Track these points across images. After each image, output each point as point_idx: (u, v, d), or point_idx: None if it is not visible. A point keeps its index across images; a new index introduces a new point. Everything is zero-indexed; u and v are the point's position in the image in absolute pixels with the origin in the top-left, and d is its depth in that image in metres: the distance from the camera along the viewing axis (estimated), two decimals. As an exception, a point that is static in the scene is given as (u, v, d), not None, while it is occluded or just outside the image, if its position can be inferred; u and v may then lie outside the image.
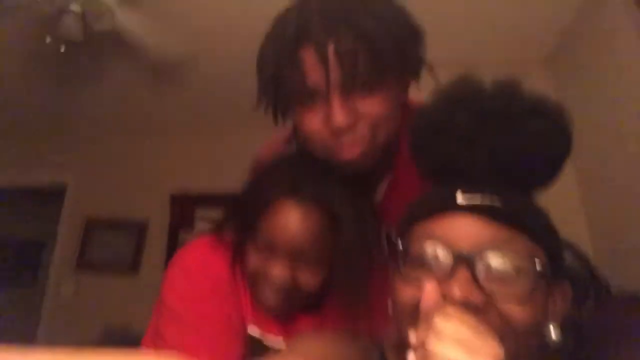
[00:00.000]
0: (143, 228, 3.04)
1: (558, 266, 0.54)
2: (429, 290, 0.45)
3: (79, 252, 3.07)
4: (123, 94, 2.81)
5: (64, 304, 2.98)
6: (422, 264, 0.50)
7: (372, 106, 0.71)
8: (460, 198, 0.52)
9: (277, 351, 0.70)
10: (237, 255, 0.80)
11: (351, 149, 0.72)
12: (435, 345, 0.40)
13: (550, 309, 0.53)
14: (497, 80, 0.57)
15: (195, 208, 2.98)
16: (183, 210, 3.01)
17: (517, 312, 0.47)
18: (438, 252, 0.50)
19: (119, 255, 3.00)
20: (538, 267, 0.48)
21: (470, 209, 0.51)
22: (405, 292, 0.51)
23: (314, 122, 0.72)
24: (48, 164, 3.43)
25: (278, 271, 0.74)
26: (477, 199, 0.52)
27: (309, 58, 0.68)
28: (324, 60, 0.67)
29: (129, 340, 0.79)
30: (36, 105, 3.01)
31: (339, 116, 0.68)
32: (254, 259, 0.77)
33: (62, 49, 2.04)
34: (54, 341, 2.71)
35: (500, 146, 0.53)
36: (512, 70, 0.58)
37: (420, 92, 0.92)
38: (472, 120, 0.54)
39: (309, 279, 0.75)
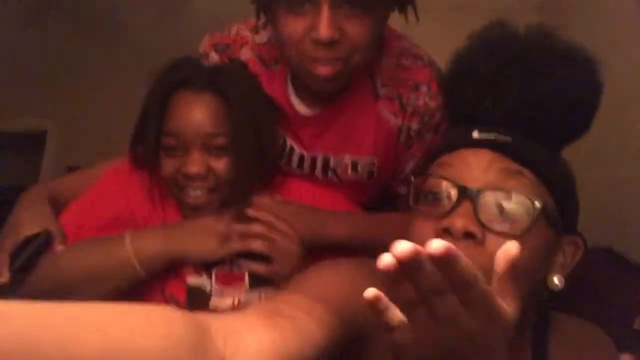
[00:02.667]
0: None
1: (570, 219, 0.55)
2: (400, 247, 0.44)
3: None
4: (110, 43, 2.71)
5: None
6: (434, 198, 0.52)
7: (356, 27, 0.73)
8: (476, 134, 0.54)
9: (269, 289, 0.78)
10: (153, 168, 0.87)
11: (326, 66, 0.75)
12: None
13: (556, 260, 0.54)
14: (530, 26, 0.57)
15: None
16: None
17: None
18: (444, 187, 0.52)
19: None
20: (538, 206, 0.49)
21: (483, 144, 0.53)
22: (417, 229, 0.52)
23: (297, 29, 0.73)
24: (28, 110, 3.33)
25: (193, 165, 0.81)
26: (491, 135, 0.53)
27: None
28: None
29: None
30: (16, 50, 2.90)
31: (325, 28, 0.69)
32: (169, 165, 0.84)
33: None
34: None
35: (526, 92, 0.53)
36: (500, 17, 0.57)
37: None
38: (501, 64, 0.55)
39: (222, 166, 0.82)
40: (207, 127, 0.81)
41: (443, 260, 0.30)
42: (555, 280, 0.54)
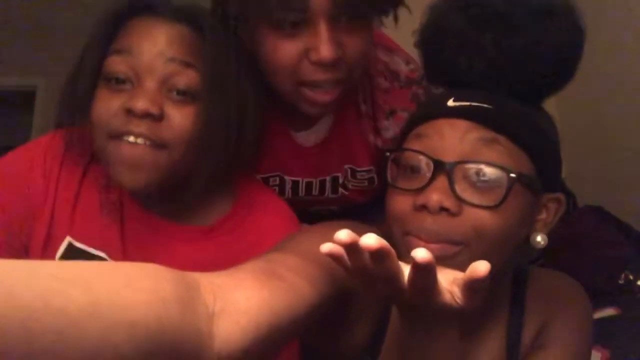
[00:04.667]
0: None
1: (551, 177, 0.55)
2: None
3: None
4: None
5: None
6: (410, 172, 0.52)
7: (357, 42, 0.64)
8: (450, 102, 0.53)
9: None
10: (82, 115, 0.62)
11: (327, 93, 0.66)
12: None
13: (538, 218, 0.54)
14: None
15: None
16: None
17: (486, 218, 0.48)
18: (421, 161, 0.51)
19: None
20: (512, 176, 0.49)
21: (458, 112, 0.52)
22: (395, 204, 0.52)
23: (291, 53, 0.63)
24: (17, 67, 3.25)
25: (143, 98, 0.58)
26: (466, 103, 0.52)
27: None
28: None
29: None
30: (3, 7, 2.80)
31: (327, 47, 0.60)
32: (106, 102, 0.60)
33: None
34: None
35: (498, 49, 0.51)
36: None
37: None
38: (475, 19, 0.53)
39: (180, 117, 0.60)
40: (174, 51, 0.60)
41: (421, 268, 0.34)
42: (539, 238, 0.54)
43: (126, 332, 0.27)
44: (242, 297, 0.38)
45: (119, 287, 0.28)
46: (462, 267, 0.37)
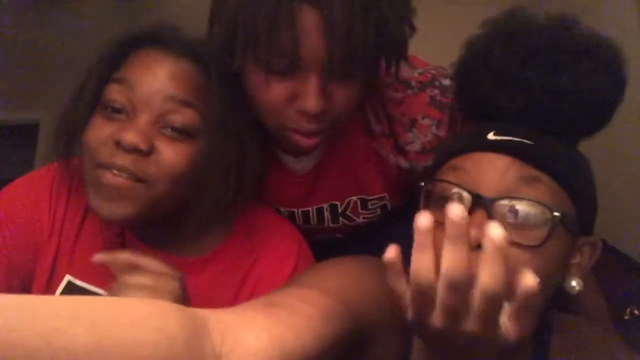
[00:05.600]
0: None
1: (588, 219, 0.53)
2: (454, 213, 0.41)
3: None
4: (100, 29, 2.68)
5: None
6: (444, 204, 0.49)
7: (346, 94, 0.63)
8: (491, 135, 0.51)
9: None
10: (76, 137, 0.62)
11: (309, 139, 0.66)
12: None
13: (572, 262, 0.52)
14: (550, 15, 0.53)
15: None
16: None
17: (526, 258, 0.46)
18: (457, 194, 0.49)
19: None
20: (556, 215, 0.47)
21: (498, 147, 0.50)
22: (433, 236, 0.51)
23: (278, 95, 0.61)
24: (20, 101, 3.29)
25: (133, 132, 0.57)
26: (508, 138, 0.50)
27: (307, 21, 0.55)
28: (329, 28, 0.54)
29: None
30: (7, 41, 2.85)
31: (314, 100, 0.59)
32: (99, 128, 0.60)
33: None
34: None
35: (542, 87, 0.50)
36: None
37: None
38: (519, 56, 0.51)
39: (171, 153, 0.59)
40: (173, 89, 0.60)
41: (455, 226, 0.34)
42: (573, 283, 0.52)
43: None
44: (252, 338, 0.36)
45: (124, 326, 0.28)
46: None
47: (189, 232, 0.69)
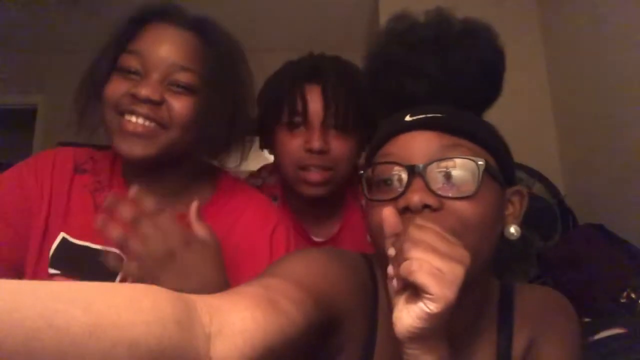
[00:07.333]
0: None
1: (509, 172, 0.60)
2: (387, 215, 0.49)
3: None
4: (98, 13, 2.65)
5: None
6: (385, 184, 0.56)
7: (340, 145, 0.95)
8: (408, 117, 0.58)
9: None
10: (96, 94, 0.74)
11: (317, 173, 0.95)
12: (412, 252, 0.43)
13: (507, 211, 0.59)
14: (427, 11, 0.62)
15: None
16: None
17: (467, 208, 0.52)
18: (395, 171, 0.55)
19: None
20: (481, 164, 0.53)
21: (416, 125, 0.57)
22: (376, 215, 0.55)
23: (294, 144, 0.94)
24: (17, 84, 3.27)
25: (146, 87, 0.70)
26: (422, 115, 0.57)
27: (311, 92, 0.93)
28: (326, 97, 0.92)
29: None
30: (4, 24, 2.83)
31: (317, 141, 0.92)
32: (117, 85, 0.72)
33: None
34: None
35: (437, 68, 0.58)
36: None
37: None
38: (409, 51, 0.60)
39: (179, 105, 0.72)
40: (176, 57, 0.73)
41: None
42: (512, 230, 0.58)
43: (127, 351, 0.27)
44: (237, 318, 0.38)
45: (119, 307, 0.29)
46: None
47: (178, 187, 0.80)
